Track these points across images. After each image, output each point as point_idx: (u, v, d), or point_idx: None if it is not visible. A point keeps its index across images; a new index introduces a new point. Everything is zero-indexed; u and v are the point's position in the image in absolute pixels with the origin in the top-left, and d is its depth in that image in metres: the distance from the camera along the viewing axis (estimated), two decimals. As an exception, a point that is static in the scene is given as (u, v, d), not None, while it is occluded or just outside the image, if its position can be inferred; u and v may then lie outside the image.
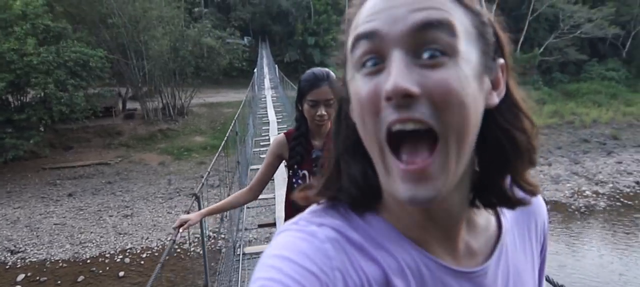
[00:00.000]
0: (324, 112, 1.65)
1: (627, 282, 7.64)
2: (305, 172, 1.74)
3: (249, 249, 4.42)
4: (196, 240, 10.29)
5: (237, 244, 4.57)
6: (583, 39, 27.69)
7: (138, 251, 9.97)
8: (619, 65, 28.16)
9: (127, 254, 9.86)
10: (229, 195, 5.04)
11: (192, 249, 9.78)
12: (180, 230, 2.00)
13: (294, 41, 33.90)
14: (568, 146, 17.50)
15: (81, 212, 12.09)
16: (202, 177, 15.35)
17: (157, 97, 20.65)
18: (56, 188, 13.85)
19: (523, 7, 29.06)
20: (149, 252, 9.91)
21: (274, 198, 4.95)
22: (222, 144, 5.00)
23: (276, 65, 26.56)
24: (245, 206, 5.09)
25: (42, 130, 15.93)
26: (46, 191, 13.57)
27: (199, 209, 3.26)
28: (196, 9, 25.61)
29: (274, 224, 4.63)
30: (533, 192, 0.45)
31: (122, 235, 10.76)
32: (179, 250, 9.73)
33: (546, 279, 1.33)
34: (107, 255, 9.86)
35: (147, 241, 10.40)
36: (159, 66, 20.15)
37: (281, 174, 6.90)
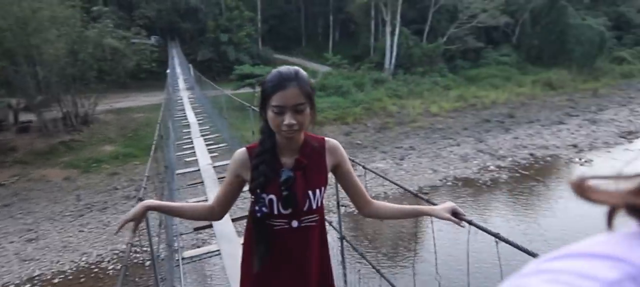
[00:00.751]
0: (292, 121, 1.31)
1: (531, 240, 8.52)
2: (272, 197, 1.40)
3: (188, 253, 4.25)
4: (115, 256, 9.57)
5: (176, 249, 4.42)
6: (480, 27, 30.18)
7: (49, 277, 9.02)
8: (510, 51, 31.17)
9: (35, 282, 8.88)
10: (167, 224, 4.73)
11: (110, 267, 9.10)
12: (132, 231, 1.67)
13: (206, 39, 32.80)
14: (473, 126, 19.01)
15: (-27, 242, 10.63)
16: (116, 189, 14.26)
17: (55, 106, 18.76)
18: (-62, 218, 12.03)
19: (426, -1, 30.91)
20: (62, 276, 9.02)
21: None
22: (154, 147, 4.58)
23: (191, 65, 25.50)
24: None
25: None
26: None
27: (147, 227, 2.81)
28: (95, 8, 23.55)
29: (211, 225, 4.39)
30: None
31: (27, 262, 9.66)
32: (96, 269, 9.00)
33: (517, 247, 1.44)
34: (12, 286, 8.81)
35: (58, 265, 9.45)
36: (56, 72, 18.29)
37: (211, 176, 6.65)
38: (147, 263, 6.94)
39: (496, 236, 1.57)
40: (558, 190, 11.94)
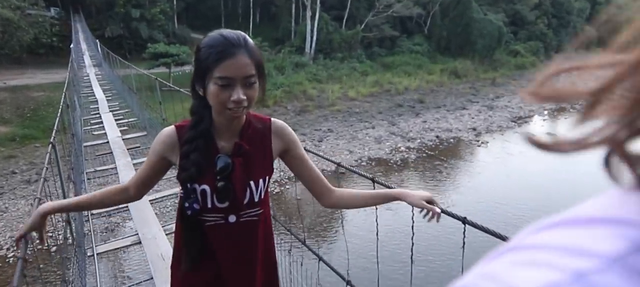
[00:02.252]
0: (242, 96, 1.07)
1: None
2: (205, 188, 1.18)
3: (102, 248, 3.63)
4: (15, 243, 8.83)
5: (87, 245, 3.76)
6: (395, 17, 31.67)
7: None
8: (422, 40, 33.15)
9: None
10: (76, 192, 4.13)
11: (10, 255, 8.40)
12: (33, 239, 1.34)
13: (115, 14, 30.51)
14: (387, 110, 20.10)
15: None
16: (15, 173, 13.15)
17: None
18: None
19: (345, -14, 31.64)
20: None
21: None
22: (59, 113, 4.28)
23: (98, 41, 23.68)
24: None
25: None
26: None
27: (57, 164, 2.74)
28: (-19, -28, 20.90)
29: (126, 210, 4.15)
30: None
31: None
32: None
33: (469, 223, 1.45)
34: None
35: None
36: None
37: (120, 147, 6.48)
38: (54, 249, 6.56)
39: (464, 220, 1.48)
40: (458, 167, 13.20)
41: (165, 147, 1.21)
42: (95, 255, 3.43)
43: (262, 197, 1.26)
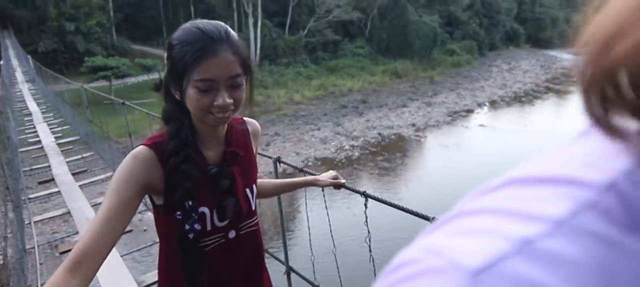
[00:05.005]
0: (227, 99, 0.91)
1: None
2: (204, 209, 1.01)
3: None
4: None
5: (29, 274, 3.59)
6: (337, 22, 32.62)
7: None
8: (364, 43, 34.33)
9: None
10: (14, 193, 4.42)
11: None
12: None
13: (47, 28, 29.27)
14: (332, 112, 20.79)
15: None
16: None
17: None
18: None
19: (286, -7, 32.19)
20: None
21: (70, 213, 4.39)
22: None
23: (29, 56, 22.63)
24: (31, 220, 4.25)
25: None
26: None
27: None
28: None
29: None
30: None
31: None
32: None
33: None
34: None
35: None
36: None
37: (54, 149, 6.98)
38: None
39: (364, 194, 1.66)
40: (399, 161, 14.04)
41: (144, 171, 0.94)
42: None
43: (257, 203, 1.15)
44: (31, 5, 30.17)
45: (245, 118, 1.19)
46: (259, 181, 1.23)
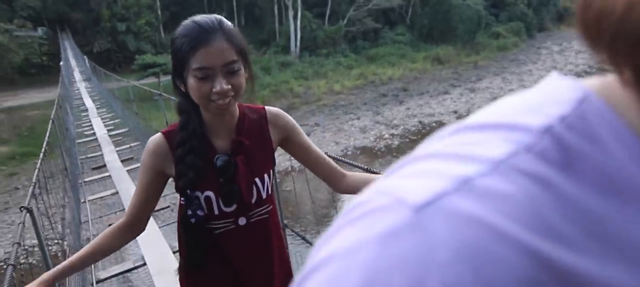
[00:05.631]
0: (225, 85, 0.97)
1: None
2: (210, 194, 1.08)
3: (104, 274, 3.56)
4: (24, 252, 9.42)
5: (87, 270, 3.75)
6: (377, 10, 32.31)
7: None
8: (404, 30, 33.82)
9: None
10: (65, 203, 4.52)
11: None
12: None
13: (101, 29, 31.04)
14: (371, 101, 20.79)
15: None
16: (17, 189, 13.90)
17: None
18: None
19: (325, -17, 32.26)
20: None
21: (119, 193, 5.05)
22: (53, 112, 5.12)
23: (85, 57, 24.20)
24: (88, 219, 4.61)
25: None
26: None
27: (34, 225, 2.29)
28: (-33, -1, 21.39)
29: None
30: None
31: None
32: (5, 266, 8.87)
33: None
34: None
35: (-42, 270, 9.12)
36: None
37: (107, 140, 7.77)
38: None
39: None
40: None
41: (157, 158, 1.07)
42: (94, 283, 3.22)
43: (270, 192, 1.17)
44: (86, 8, 32.07)
45: (268, 107, 1.20)
46: (352, 174, 1.28)
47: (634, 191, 0.20)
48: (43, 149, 3.49)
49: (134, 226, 1.13)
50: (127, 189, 4.95)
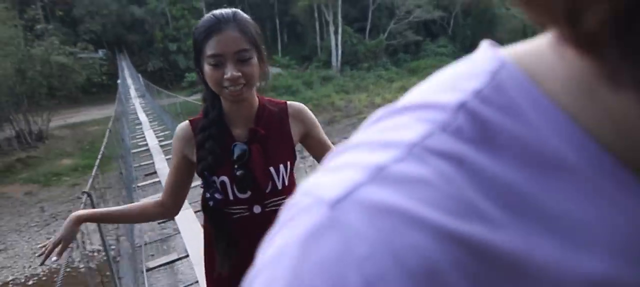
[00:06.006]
0: (235, 72, 1.03)
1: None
2: (224, 179, 1.13)
3: (152, 263, 3.89)
4: (85, 256, 10.27)
5: (138, 259, 4.04)
6: (418, 22, 32.34)
7: (23, 281, 9.70)
8: (446, 42, 33.57)
9: (10, 286, 9.54)
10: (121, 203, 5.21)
11: (82, 267, 9.87)
12: (54, 256, 1.18)
13: (154, 49, 33.07)
14: (412, 113, 20.80)
15: (-60, 260, 11.00)
16: (79, 198, 15.18)
17: (7, 125, 18.85)
18: None
19: (365, -2, 32.75)
20: (36, 278, 9.72)
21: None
22: (111, 122, 5.78)
23: (139, 75, 25.89)
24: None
25: None
26: None
27: (92, 207, 2.68)
28: (38, 26, 23.56)
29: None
30: None
31: (-2, 270, 10.25)
32: (68, 269, 9.74)
33: None
34: (-14, 292, 9.43)
35: (30, 270, 10.10)
36: (5, 92, 18.41)
37: (157, 150, 8.54)
38: (119, 267, 7.84)
39: None
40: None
41: (182, 143, 1.16)
42: (144, 271, 3.49)
43: (286, 184, 1.18)
44: (141, 30, 34.29)
45: (290, 102, 1.24)
46: None
47: (555, 162, 0.19)
48: (103, 147, 4.07)
49: (166, 205, 1.22)
50: None
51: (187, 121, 1.18)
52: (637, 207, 0.19)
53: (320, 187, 0.20)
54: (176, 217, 4.46)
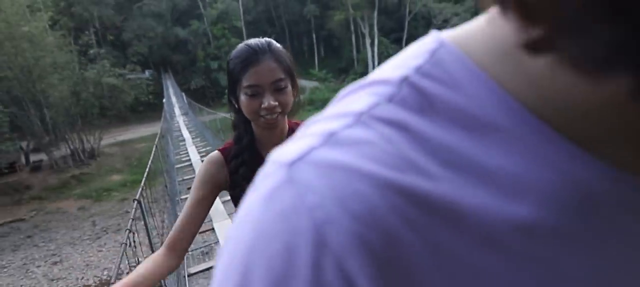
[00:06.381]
0: (272, 102, 1.04)
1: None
2: None
3: (194, 269, 4.11)
4: (134, 268, 10.78)
5: (181, 264, 4.84)
6: (455, 30, 31.89)
7: (76, 291, 10.31)
8: (486, 49, 32.85)
9: (65, 296, 10.17)
10: (172, 199, 5.80)
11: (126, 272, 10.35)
12: None
13: (197, 68, 34.44)
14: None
15: (4, 270, 11.89)
16: (128, 212, 15.86)
17: (63, 144, 20.20)
18: (-32, 254, 13.31)
19: (401, 9, 32.67)
20: (88, 289, 10.31)
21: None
22: (157, 138, 6.15)
23: (183, 93, 27.01)
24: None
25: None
26: (-43, 259, 13.01)
27: (143, 215, 3.04)
28: (91, 51, 25.19)
29: (213, 229, 4.98)
30: None
31: (55, 281, 10.93)
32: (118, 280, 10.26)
33: None
34: (44, 302, 10.10)
35: (83, 280, 10.73)
36: (61, 113, 19.80)
37: (199, 165, 9.57)
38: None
39: None
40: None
41: (213, 173, 1.13)
42: (186, 276, 3.65)
43: None
44: (185, 51, 35.87)
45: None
46: None
47: (487, 124, 0.22)
48: (150, 162, 4.34)
49: (185, 240, 1.06)
50: (216, 205, 5.85)
51: (216, 151, 1.17)
52: (561, 160, 0.21)
53: (282, 154, 0.23)
54: (216, 228, 4.59)
